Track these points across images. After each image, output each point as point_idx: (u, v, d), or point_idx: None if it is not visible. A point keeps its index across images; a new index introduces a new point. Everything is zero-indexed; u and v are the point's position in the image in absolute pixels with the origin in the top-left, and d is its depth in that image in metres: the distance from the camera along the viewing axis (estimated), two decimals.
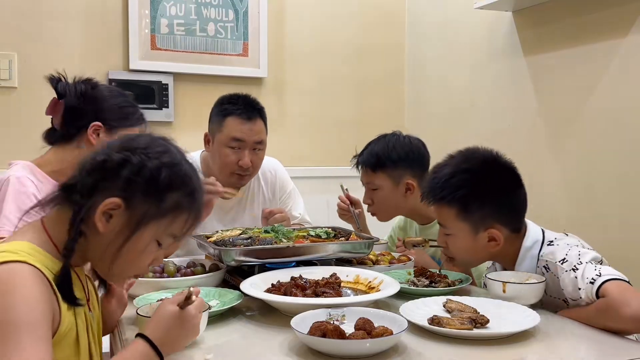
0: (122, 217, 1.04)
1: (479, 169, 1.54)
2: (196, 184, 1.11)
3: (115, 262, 1.06)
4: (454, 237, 1.56)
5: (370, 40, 3.50)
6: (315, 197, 2.73)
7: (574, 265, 1.39)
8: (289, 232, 1.78)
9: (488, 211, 1.51)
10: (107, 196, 1.02)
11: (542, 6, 2.58)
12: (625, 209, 2.24)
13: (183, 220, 1.09)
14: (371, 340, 1.10)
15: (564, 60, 2.49)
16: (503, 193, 1.53)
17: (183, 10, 3.02)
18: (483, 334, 1.22)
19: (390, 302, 1.48)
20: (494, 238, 1.52)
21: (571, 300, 1.40)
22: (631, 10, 2.20)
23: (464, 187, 1.51)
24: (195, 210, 1.11)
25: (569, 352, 1.25)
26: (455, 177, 1.53)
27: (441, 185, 1.54)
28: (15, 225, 1.56)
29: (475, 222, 1.51)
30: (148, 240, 1.06)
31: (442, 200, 1.54)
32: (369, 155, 2.07)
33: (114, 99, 1.75)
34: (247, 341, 1.20)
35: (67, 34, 2.84)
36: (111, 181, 1.04)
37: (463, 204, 1.51)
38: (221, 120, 2.11)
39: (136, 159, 1.04)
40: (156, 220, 1.06)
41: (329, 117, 3.42)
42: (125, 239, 1.04)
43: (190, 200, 1.09)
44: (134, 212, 1.04)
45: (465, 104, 3.11)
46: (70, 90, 1.69)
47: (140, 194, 1.04)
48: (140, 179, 1.04)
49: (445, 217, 1.55)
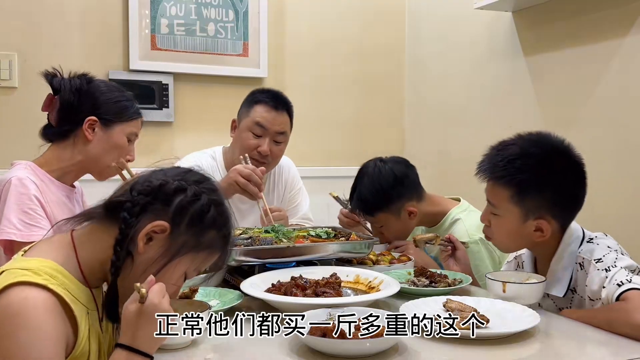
0: (162, 242, 1.05)
1: (546, 156, 1.48)
2: (232, 227, 1.14)
3: (126, 278, 1.05)
4: (500, 219, 1.51)
5: (370, 40, 3.50)
6: (316, 197, 2.72)
7: (608, 266, 1.37)
8: (289, 232, 1.78)
9: (544, 201, 1.47)
10: (155, 219, 1.04)
11: (542, 6, 2.57)
12: (625, 209, 2.24)
13: (214, 258, 1.12)
14: (371, 340, 1.10)
15: (564, 60, 2.49)
16: (564, 187, 1.48)
17: (183, 11, 3.02)
18: (483, 334, 1.22)
19: (390, 302, 1.48)
20: (541, 229, 1.48)
21: (589, 300, 1.39)
22: (631, 10, 2.20)
23: (527, 172, 1.46)
24: (227, 252, 1.14)
25: (569, 352, 1.25)
26: (520, 159, 1.48)
27: (504, 165, 1.49)
28: (16, 226, 1.56)
29: (528, 209, 1.47)
30: (181, 271, 1.08)
31: (500, 180, 1.49)
32: (360, 202, 2.04)
33: (110, 93, 1.74)
34: (247, 341, 1.20)
35: (67, 34, 2.84)
36: (163, 205, 1.05)
37: (521, 188, 1.46)
38: (250, 107, 2.20)
39: (191, 190, 1.07)
40: (193, 253, 1.08)
41: (329, 117, 3.42)
42: (162, 266, 1.05)
43: (225, 242, 1.12)
44: (175, 241, 1.05)
45: (465, 104, 3.11)
46: (65, 85, 1.69)
47: (186, 225, 1.06)
48: (191, 210, 1.06)
49: (498, 197, 1.51)
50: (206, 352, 1.17)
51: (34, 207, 1.59)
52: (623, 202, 2.24)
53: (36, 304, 0.95)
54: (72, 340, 1.00)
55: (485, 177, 1.54)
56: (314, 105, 3.36)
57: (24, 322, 0.93)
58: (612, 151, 2.28)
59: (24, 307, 0.94)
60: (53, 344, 0.95)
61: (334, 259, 1.73)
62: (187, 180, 1.09)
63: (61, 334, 0.97)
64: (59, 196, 1.69)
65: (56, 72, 1.71)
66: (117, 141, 1.73)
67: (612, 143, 2.28)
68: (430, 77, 3.42)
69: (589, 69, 2.38)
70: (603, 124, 2.32)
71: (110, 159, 1.72)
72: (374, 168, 2.06)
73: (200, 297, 1.43)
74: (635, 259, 2.09)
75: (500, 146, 1.55)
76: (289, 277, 1.51)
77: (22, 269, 0.98)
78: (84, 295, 1.05)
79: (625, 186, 2.23)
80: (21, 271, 0.97)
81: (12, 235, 1.55)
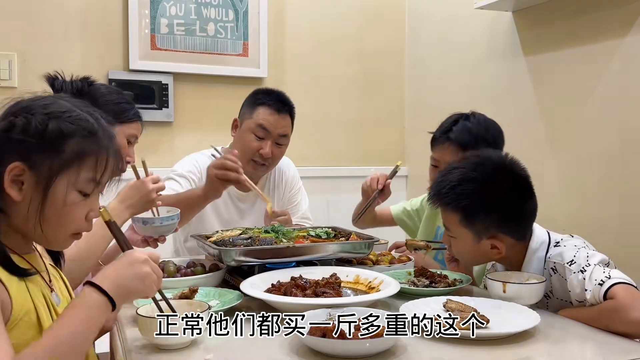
0: (31, 179, 1.02)
1: (486, 179, 1.52)
2: (94, 125, 1.08)
3: (44, 227, 1.04)
4: (457, 241, 1.57)
5: (370, 40, 3.50)
6: (316, 197, 2.73)
7: (582, 267, 1.38)
8: (289, 232, 1.78)
9: (491, 222, 1.50)
10: (7, 165, 1.01)
11: (542, 6, 2.57)
12: (624, 209, 2.24)
13: (93, 162, 1.06)
14: (371, 340, 1.10)
15: (564, 60, 2.49)
16: (510, 204, 1.51)
17: (183, 10, 3.02)
18: (483, 334, 1.22)
19: (390, 302, 1.48)
20: (496, 246, 1.52)
21: (577, 302, 1.40)
22: (631, 10, 2.20)
23: (468, 197, 1.50)
24: (105, 148, 1.08)
25: (569, 352, 1.25)
26: (462, 184, 1.52)
27: (446, 192, 1.53)
28: None
29: (478, 230, 1.51)
30: (64, 193, 1.04)
31: (447, 206, 1.54)
32: (462, 133, 1.90)
33: (110, 95, 1.76)
34: (247, 341, 1.20)
35: (67, 34, 2.84)
36: (4, 150, 1.02)
37: (466, 212, 1.51)
38: (253, 108, 2.20)
39: (20, 119, 1.03)
40: (64, 171, 1.04)
41: (329, 117, 3.42)
42: (42, 200, 1.03)
43: (92, 141, 1.06)
44: (40, 171, 1.02)
45: (465, 104, 3.10)
46: (66, 88, 1.69)
47: (37, 152, 1.02)
48: (30, 137, 1.02)
49: (450, 221, 1.56)
50: (206, 352, 1.16)
51: None
52: (622, 202, 2.24)
53: None
54: (8, 302, 0.98)
55: (435, 204, 1.59)
56: (314, 105, 3.36)
57: None
58: (612, 151, 2.28)
59: None
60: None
61: (334, 259, 1.73)
62: (14, 112, 1.05)
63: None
64: None
65: (57, 74, 1.72)
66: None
67: (612, 143, 2.28)
68: (430, 77, 3.42)
69: (589, 69, 2.38)
70: (603, 124, 2.32)
71: None
72: (479, 115, 1.97)
73: (200, 297, 1.43)
74: (635, 258, 2.10)
75: (445, 171, 1.59)
76: (289, 277, 1.50)
77: None
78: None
79: (625, 186, 2.23)
80: None
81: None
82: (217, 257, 1.64)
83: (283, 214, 2.11)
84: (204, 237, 1.78)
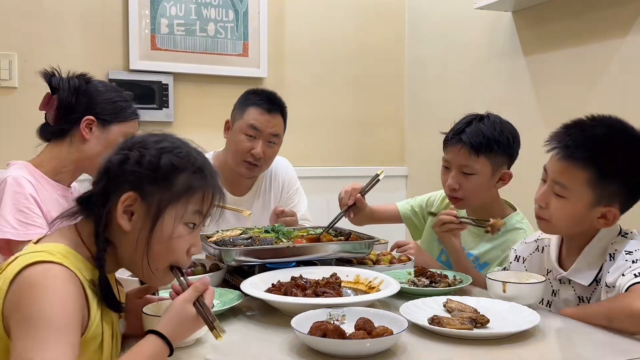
0: (141, 210, 1.06)
1: (631, 141, 1.40)
2: (201, 161, 1.12)
3: (149, 257, 1.07)
4: (566, 202, 1.42)
5: (370, 40, 3.50)
6: (316, 197, 2.72)
7: (636, 258, 1.34)
8: (289, 232, 1.79)
9: (622, 190, 1.39)
10: (120, 195, 1.05)
11: (542, 6, 2.58)
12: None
13: (200, 196, 1.10)
14: (371, 340, 1.10)
15: (564, 60, 2.49)
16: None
17: (183, 10, 3.02)
18: (483, 334, 1.23)
19: (390, 302, 1.48)
20: (606, 217, 1.40)
21: (605, 287, 1.37)
22: (631, 10, 2.20)
23: (613, 155, 1.37)
24: (211, 184, 1.12)
25: (569, 352, 1.25)
26: (607, 141, 1.39)
27: (591, 146, 1.39)
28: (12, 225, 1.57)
29: (602, 195, 1.38)
30: (172, 225, 1.07)
31: (580, 160, 1.38)
32: (475, 135, 1.83)
33: (108, 93, 1.75)
34: (247, 341, 1.20)
35: (67, 34, 2.84)
36: (118, 181, 1.06)
37: (603, 173, 1.37)
38: (243, 109, 2.20)
39: (134, 153, 1.07)
40: (173, 203, 1.07)
41: (329, 117, 3.42)
42: (150, 230, 1.06)
43: (201, 176, 1.10)
44: (151, 202, 1.06)
45: (465, 104, 3.10)
46: (63, 85, 1.69)
47: (149, 184, 1.06)
48: (143, 169, 1.06)
49: (573, 179, 1.40)
50: (206, 352, 1.17)
51: (30, 206, 1.59)
52: None
53: (56, 274, 0.96)
54: (85, 320, 1.00)
55: (561, 155, 1.42)
56: (313, 105, 3.36)
57: (44, 290, 0.94)
58: None
59: (43, 277, 0.95)
60: (73, 311, 0.95)
61: (334, 259, 1.73)
62: (128, 147, 1.09)
63: (79, 306, 0.98)
64: (54, 196, 1.69)
65: (55, 71, 1.71)
66: (113, 141, 1.71)
67: None
68: (430, 77, 3.42)
69: (589, 69, 2.38)
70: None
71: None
72: (491, 115, 1.90)
73: None
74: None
75: (580, 126, 1.45)
76: (289, 277, 1.51)
77: (36, 252, 1.00)
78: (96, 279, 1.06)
79: None
80: (36, 253, 0.99)
81: (8, 234, 1.55)
82: (218, 257, 1.64)
83: (291, 214, 2.12)
84: (204, 237, 1.78)
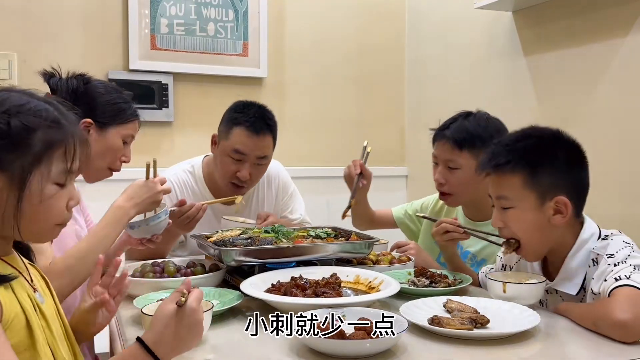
0: (4, 181, 0.98)
1: (547, 138, 1.45)
2: (55, 113, 1.04)
3: (22, 223, 1.01)
4: (516, 212, 1.43)
5: (370, 40, 3.51)
6: (315, 197, 2.73)
7: (618, 261, 1.34)
8: (289, 232, 1.78)
9: (557, 179, 1.41)
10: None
11: (542, 6, 2.58)
12: (625, 209, 2.24)
13: (62, 152, 1.03)
14: (371, 341, 1.10)
15: (564, 60, 2.49)
16: (572, 165, 1.45)
17: (183, 10, 3.02)
18: (483, 334, 1.22)
19: (390, 302, 1.48)
20: (560, 210, 1.41)
21: (591, 293, 1.37)
22: (631, 10, 2.20)
23: (534, 152, 1.41)
24: (71, 135, 1.05)
25: (569, 352, 1.25)
26: (522, 141, 1.44)
27: (508, 149, 1.43)
28: None
29: (543, 190, 1.40)
30: (40, 189, 1.01)
31: (507, 166, 1.42)
32: (458, 131, 1.89)
33: (107, 95, 1.72)
34: (247, 341, 1.20)
35: (67, 34, 2.84)
36: None
37: (532, 168, 1.40)
38: (229, 128, 2.06)
39: None
40: (36, 166, 1.00)
41: (329, 117, 3.42)
42: (18, 199, 0.99)
43: (58, 129, 1.03)
44: (12, 171, 0.98)
45: (465, 104, 3.10)
46: (62, 86, 1.67)
47: (5, 152, 0.98)
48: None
49: (508, 187, 1.43)
50: (206, 352, 1.17)
51: None
52: (623, 202, 2.24)
53: None
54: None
55: (489, 169, 1.46)
56: (313, 105, 3.36)
57: None
58: (612, 151, 2.28)
59: None
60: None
61: (334, 259, 1.73)
62: None
63: None
64: None
65: (54, 71, 1.70)
66: (111, 144, 1.70)
67: (612, 143, 2.28)
68: (430, 77, 3.42)
69: (589, 69, 2.38)
70: (603, 123, 2.32)
71: (103, 161, 1.71)
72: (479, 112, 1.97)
73: None
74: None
75: (502, 142, 1.50)
76: (289, 277, 1.51)
77: None
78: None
79: (625, 186, 2.23)
80: None
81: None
82: (217, 257, 1.64)
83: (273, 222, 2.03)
84: (204, 237, 1.78)
